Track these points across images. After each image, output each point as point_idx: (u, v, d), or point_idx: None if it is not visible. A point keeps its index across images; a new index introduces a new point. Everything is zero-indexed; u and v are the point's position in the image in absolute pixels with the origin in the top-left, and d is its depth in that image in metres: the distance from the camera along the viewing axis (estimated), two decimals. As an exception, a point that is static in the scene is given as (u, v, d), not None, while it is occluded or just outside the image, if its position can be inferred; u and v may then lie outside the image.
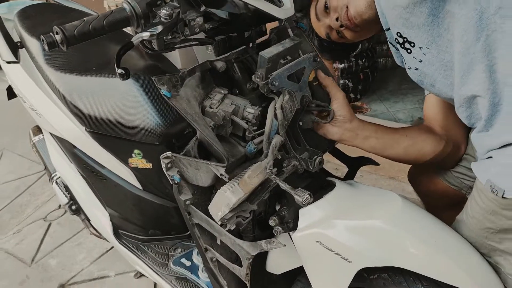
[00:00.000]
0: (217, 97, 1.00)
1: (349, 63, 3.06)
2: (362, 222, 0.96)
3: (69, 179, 1.66)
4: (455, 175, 1.27)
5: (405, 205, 0.99)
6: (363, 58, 3.10)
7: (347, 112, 1.05)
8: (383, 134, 1.09)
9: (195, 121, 0.93)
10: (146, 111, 1.29)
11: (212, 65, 1.00)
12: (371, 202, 1.02)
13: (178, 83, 0.95)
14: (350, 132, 1.06)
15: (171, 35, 0.91)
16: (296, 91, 0.94)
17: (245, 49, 1.05)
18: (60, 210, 2.52)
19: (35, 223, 2.45)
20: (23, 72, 1.58)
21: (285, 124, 0.96)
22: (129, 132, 1.31)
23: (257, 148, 1.00)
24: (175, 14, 0.87)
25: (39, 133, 1.89)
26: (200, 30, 0.94)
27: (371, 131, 1.08)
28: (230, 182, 0.96)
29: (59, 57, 1.48)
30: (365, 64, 3.12)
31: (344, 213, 0.98)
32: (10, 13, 1.75)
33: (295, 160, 1.01)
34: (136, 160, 1.37)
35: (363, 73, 3.13)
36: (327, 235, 0.96)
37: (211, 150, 1.01)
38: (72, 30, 0.83)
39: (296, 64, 0.94)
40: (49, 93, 1.49)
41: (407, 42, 1.01)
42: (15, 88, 1.72)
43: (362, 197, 1.04)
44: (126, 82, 1.31)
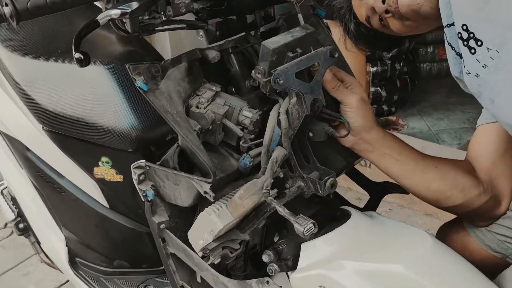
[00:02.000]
0: (206, 95, 1.00)
1: (383, 67, 3.07)
2: (379, 265, 0.95)
3: (18, 190, 1.66)
4: (498, 238, 1.24)
5: (437, 248, 0.98)
6: (401, 61, 3.12)
7: (363, 119, 1.05)
8: (406, 158, 1.09)
9: (176, 122, 0.93)
10: (120, 109, 1.30)
11: (203, 55, 1.01)
12: (393, 240, 1.01)
13: (158, 74, 0.95)
14: (365, 144, 1.06)
15: (149, 15, 0.92)
16: (306, 93, 0.94)
17: (246, 36, 1.06)
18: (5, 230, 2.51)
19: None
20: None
21: (291, 133, 0.96)
22: (96, 134, 1.32)
23: (254, 163, 1.00)
24: None
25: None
26: (187, 11, 0.95)
27: (392, 150, 1.08)
28: (216, 203, 0.96)
29: (16, 36, 1.50)
30: (403, 68, 3.13)
31: (358, 253, 0.98)
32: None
33: (301, 180, 1.01)
34: (104, 170, 1.37)
35: (400, 80, 3.15)
36: (333, 279, 0.95)
37: (195, 161, 1.01)
38: (25, 2, 0.85)
39: (308, 59, 0.94)
40: (1, 80, 1.51)
41: (473, 39, 1.00)
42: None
43: (383, 233, 1.03)
44: (97, 72, 1.32)
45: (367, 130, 1.06)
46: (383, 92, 3.11)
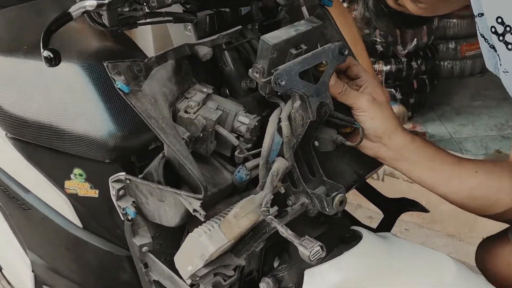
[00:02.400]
0: (196, 98, 1.00)
1: (398, 65, 3.09)
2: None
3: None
4: None
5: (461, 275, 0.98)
6: (419, 58, 3.13)
7: (382, 123, 1.05)
8: (441, 164, 1.09)
9: (161, 129, 0.93)
10: (96, 113, 1.29)
11: (193, 51, 1.01)
12: (411, 266, 1.01)
13: (141, 73, 0.95)
14: (390, 151, 1.07)
15: (129, 6, 0.93)
16: (311, 96, 0.94)
17: (242, 31, 1.06)
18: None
19: None
20: None
21: (293, 142, 0.97)
22: (68, 143, 1.31)
23: (251, 176, 1.00)
24: None
25: None
26: (174, 2, 0.96)
27: (423, 156, 1.08)
28: (207, 223, 0.96)
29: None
30: (421, 67, 3.15)
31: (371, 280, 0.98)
32: None
33: (305, 196, 1.01)
34: (76, 183, 1.36)
35: (417, 81, 3.17)
36: None
37: (183, 174, 1.01)
38: None
39: (314, 56, 0.95)
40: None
41: (509, 33, 1.00)
42: None
43: (399, 258, 1.03)
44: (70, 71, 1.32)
45: (389, 135, 1.06)
46: (397, 94, 3.13)
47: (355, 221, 1.21)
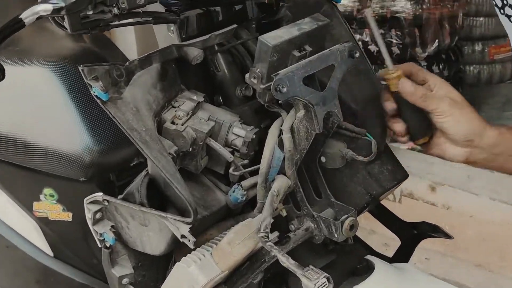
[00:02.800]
0: (185, 107, 1.01)
1: (418, 70, 3.11)
2: None
3: None
4: None
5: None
6: (441, 62, 3.14)
7: (470, 124, 1.07)
8: None
9: (144, 143, 0.94)
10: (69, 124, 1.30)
11: (181, 53, 1.02)
12: None
13: (122, 79, 0.96)
14: (485, 153, 1.08)
15: (93, 9, 0.93)
16: (317, 104, 0.95)
17: (237, 30, 1.07)
18: None
19: None
20: None
21: (297, 158, 0.97)
22: (37, 159, 1.32)
23: (247, 197, 1.01)
24: None
25: None
26: (148, 2, 0.97)
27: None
28: (197, 251, 0.96)
29: None
30: (443, 72, 3.16)
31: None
32: None
33: (311, 220, 1.01)
34: (47, 205, 1.37)
35: (440, 88, 3.18)
36: None
37: (169, 194, 1.02)
38: None
39: (320, 59, 0.96)
40: None
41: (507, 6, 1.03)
42: None
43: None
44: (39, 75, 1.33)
45: (480, 134, 1.07)
46: (418, 104, 3.14)
47: (368, 249, 1.21)
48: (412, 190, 2.62)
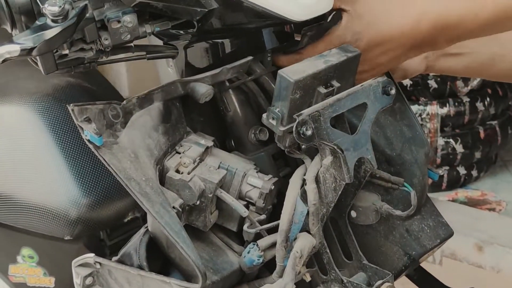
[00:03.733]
0: (192, 153, 1.02)
1: (459, 107, 3.11)
2: None
3: None
4: None
5: None
6: (486, 98, 3.16)
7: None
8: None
9: (144, 195, 0.94)
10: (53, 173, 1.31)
11: (187, 90, 1.03)
12: None
13: (118, 120, 0.97)
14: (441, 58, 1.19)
15: (69, 47, 0.96)
16: (347, 150, 0.96)
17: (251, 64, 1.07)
18: None
19: None
20: None
21: (323, 213, 0.97)
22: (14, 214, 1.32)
23: (265, 259, 1.00)
24: (76, 11, 0.92)
25: None
26: (134, 37, 0.98)
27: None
28: (207, 324, 0.96)
29: None
30: (489, 110, 3.17)
31: None
32: None
33: (339, 286, 1.01)
34: (25, 268, 1.37)
35: (485, 128, 3.18)
36: None
37: (173, 255, 1.02)
38: None
39: (350, 97, 0.96)
40: None
41: None
42: None
43: None
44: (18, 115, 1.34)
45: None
46: (458, 147, 3.14)
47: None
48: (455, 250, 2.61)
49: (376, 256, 1.06)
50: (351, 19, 1.08)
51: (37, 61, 0.96)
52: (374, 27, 1.08)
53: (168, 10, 1.00)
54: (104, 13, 0.96)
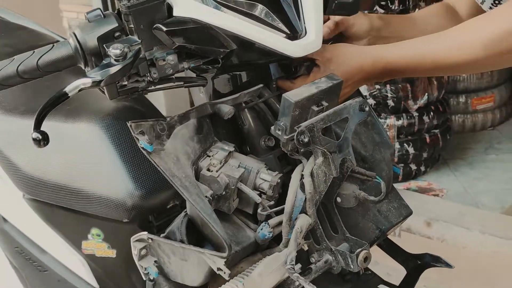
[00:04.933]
0: (218, 156, 1.02)
1: (410, 119, 3.11)
2: None
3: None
4: None
5: None
6: (430, 112, 3.16)
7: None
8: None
9: (184, 188, 0.94)
10: (114, 173, 1.31)
11: (214, 110, 1.03)
12: None
13: (164, 132, 0.97)
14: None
15: (127, 79, 0.96)
16: (333, 152, 0.96)
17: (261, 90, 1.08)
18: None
19: None
20: None
21: (316, 199, 0.97)
22: (86, 203, 1.32)
23: (274, 233, 1.00)
24: (132, 53, 0.92)
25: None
26: (175, 71, 0.98)
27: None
28: (231, 282, 0.96)
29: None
30: (433, 121, 3.17)
31: None
32: None
33: (329, 253, 1.01)
34: (94, 244, 1.36)
35: (430, 135, 3.18)
36: None
37: (206, 232, 1.02)
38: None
39: (336, 113, 0.97)
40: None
41: None
42: None
43: None
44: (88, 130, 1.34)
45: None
46: (410, 149, 3.14)
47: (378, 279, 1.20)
48: (410, 225, 2.60)
49: (356, 231, 1.05)
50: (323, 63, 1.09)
51: (104, 90, 0.97)
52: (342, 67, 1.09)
53: (200, 51, 1.00)
54: (153, 54, 0.97)
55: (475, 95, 3.60)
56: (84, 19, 0.98)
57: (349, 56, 1.11)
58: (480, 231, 2.53)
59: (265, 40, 1.00)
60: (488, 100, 3.58)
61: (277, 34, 1.02)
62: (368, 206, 1.10)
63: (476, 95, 3.60)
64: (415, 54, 1.11)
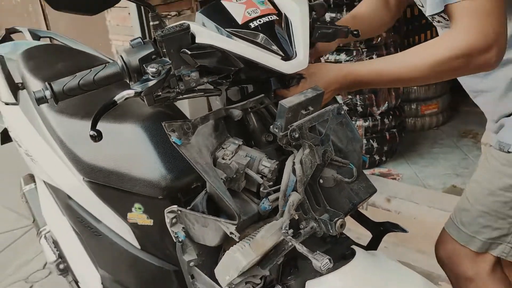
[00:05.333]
0: (230, 148, 1.02)
1: (374, 121, 3.11)
2: None
3: (60, 234, 1.66)
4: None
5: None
6: (390, 116, 3.15)
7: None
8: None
9: (205, 172, 0.95)
10: (151, 161, 1.31)
11: (227, 113, 1.03)
12: (390, 282, 1.00)
13: (189, 130, 0.97)
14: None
15: (161, 91, 0.97)
16: (317, 145, 0.96)
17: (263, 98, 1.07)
18: (44, 270, 2.49)
19: (15, 284, 2.42)
20: (21, 114, 1.63)
21: (304, 180, 0.97)
22: (130, 184, 1.33)
23: (272, 206, 1.00)
24: (165, 70, 0.93)
25: (31, 182, 1.92)
26: (197, 85, 0.99)
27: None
28: (240, 243, 0.96)
29: (62, 100, 1.54)
30: (392, 123, 3.16)
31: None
32: (14, 52, 1.83)
33: (314, 221, 1.01)
34: (136, 215, 1.37)
35: (389, 133, 3.17)
36: None
37: (221, 205, 1.02)
38: (61, 86, 0.91)
39: (319, 115, 0.97)
40: (47, 137, 1.53)
41: None
42: (11, 131, 1.77)
43: (381, 274, 1.03)
44: (131, 129, 1.35)
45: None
46: (374, 144, 3.13)
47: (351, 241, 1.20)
48: (374, 201, 2.60)
49: (334, 204, 1.05)
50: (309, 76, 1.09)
51: (144, 99, 0.97)
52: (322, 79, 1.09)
53: (216, 69, 1.00)
54: (180, 71, 0.97)
55: (423, 103, 3.57)
56: (128, 45, 0.98)
57: (327, 71, 1.11)
58: (427, 206, 2.53)
59: (265, 61, 1.00)
60: (433, 107, 3.57)
61: (274, 56, 1.02)
62: (343, 186, 1.10)
63: (424, 103, 3.57)
64: (377, 70, 1.11)
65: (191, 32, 0.96)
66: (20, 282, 2.44)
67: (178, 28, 0.94)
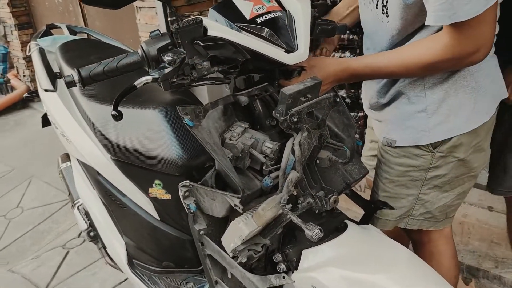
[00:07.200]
0: (237, 130, 1.02)
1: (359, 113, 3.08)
2: (361, 275, 0.93)
3: (90, 206, 1.68)
4: None
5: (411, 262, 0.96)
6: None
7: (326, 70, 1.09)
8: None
9: (214, 151, 0.95)
10: (170, 142, 1.31)
11: (235, 99, 1.03)
12: (378, 253, 1.00)
13: (201, 114, 0.98)
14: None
15: (176, 77, 0.97)
16: (314, 129, 0.95)
17: (267, 86, 1.07)
18: (79, 238, 2.54)
19: (54, 250, 2.47)
20: (58, 100, 1.65)
21: (302, 160, 0.97)
22: (151, 162, 1.33)
23: (273, 183, 1.01)
24: (179, 59, 0.93)
25: (67, 161, 1.95)
26: (208, 73, 0.98)
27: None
28: (244, 214, 0.96)
29: (93, 88, 1.55)
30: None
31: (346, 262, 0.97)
32: (53, 46, 1.86)
33: (310, 197, 1.01)
34: (156, 190, 1.38)
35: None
36: (322, 282, 0.94)
37: (228, 181, 1.02)
38: (88, 72, 0.92)
39: (316, 102, 0.96)
40: (80, 121, 1.55)
41: None
42: (49, 115, 1.79)
43: (370, 246, 1.02)
44: (152, 114, 1.35)
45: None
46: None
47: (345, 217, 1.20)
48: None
49: (329, 183, 1.05)
50: (309, 68, 1.08)
51: (160, 84, 0.97)
52: (321, 72, 1.08)
53: (225, 59, 0.99)
54: (194, 60, 0.96)
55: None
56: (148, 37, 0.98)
57: (327, 65, 1.10)
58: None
59: (270, 52, 1.00)
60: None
61: (278, 49, 1.01)
62: (338, 167, 1.10)
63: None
64: (373, 66, 1.10)
65: (203, 25, 0.96)
66: (58, 248, 2.49)
67: (192, 22, 0.94)
